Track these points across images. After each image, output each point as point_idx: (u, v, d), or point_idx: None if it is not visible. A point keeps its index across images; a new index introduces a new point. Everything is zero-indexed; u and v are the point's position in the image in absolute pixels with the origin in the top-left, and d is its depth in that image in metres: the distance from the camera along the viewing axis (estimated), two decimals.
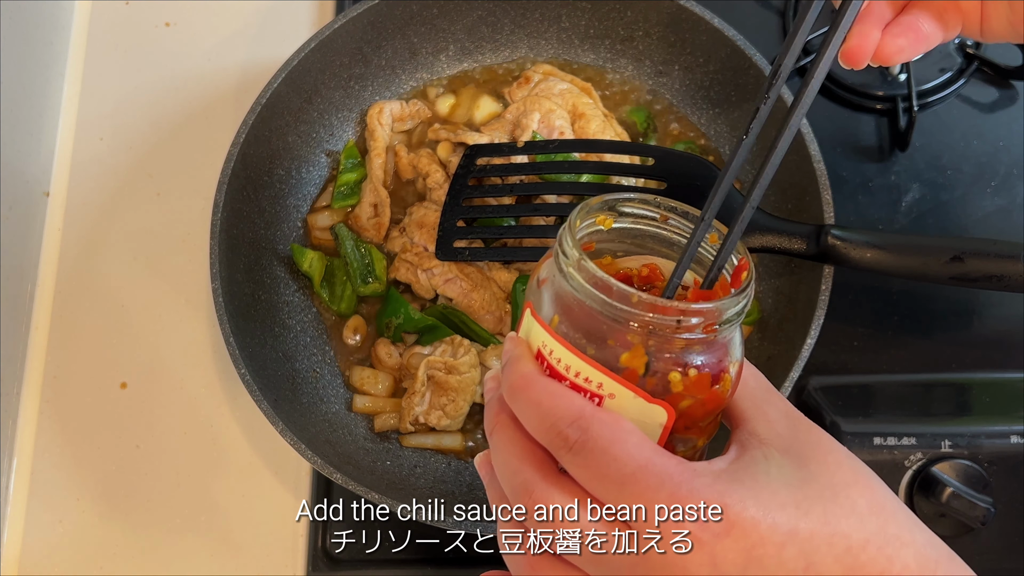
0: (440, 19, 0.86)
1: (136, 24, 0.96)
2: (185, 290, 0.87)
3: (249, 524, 0.81)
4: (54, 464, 0.83)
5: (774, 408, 0.46)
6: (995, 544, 0.74)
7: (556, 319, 0.45)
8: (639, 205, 0.48)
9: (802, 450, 0.44)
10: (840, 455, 0.44)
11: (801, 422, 0.46)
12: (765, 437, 0.44)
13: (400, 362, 0.80)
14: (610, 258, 0.48)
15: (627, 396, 0.43)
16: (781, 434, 0.44)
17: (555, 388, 0.44)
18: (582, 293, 0.43)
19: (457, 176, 0.82)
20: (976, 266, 0.67)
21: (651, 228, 0.48)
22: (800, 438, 0.44)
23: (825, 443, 0.44)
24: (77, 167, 0.92)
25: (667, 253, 0.49)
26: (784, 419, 0.45)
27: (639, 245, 0.49)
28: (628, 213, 0.48)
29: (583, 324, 0.44)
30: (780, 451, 0.44)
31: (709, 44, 0.82)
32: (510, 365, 0.46)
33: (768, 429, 0.45)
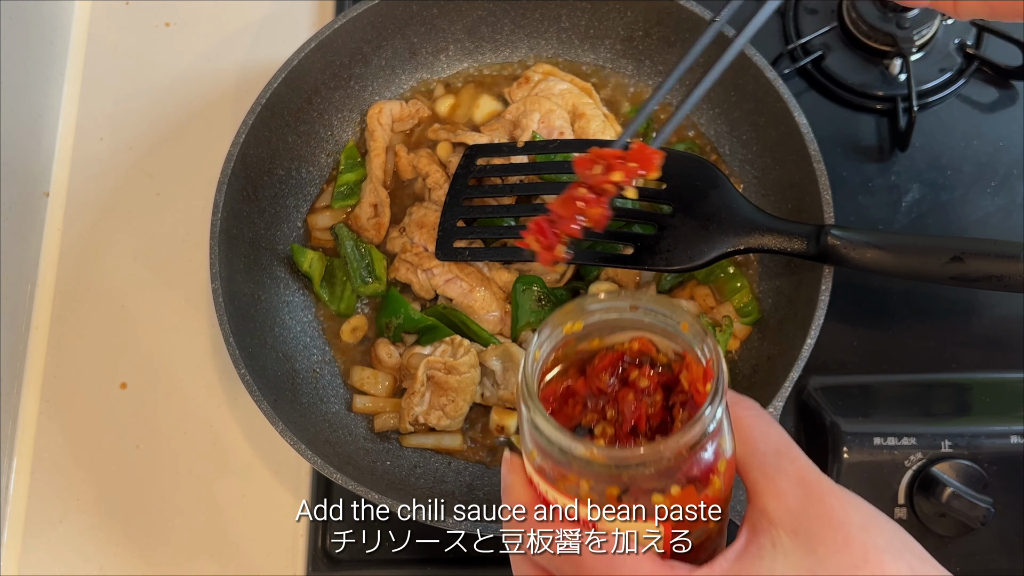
0: (440, 19, 0.86)
1: (136, 24, 0.96)
2: (185, 290, 0.87)
3: (249, 524, 0.81)
4: (54, 464, 0.83)
5: (785, 476, 0.44)
6: (995, 544, 0.74)
7: (534, 454, 0.44)
8: (604, 304, 0.46)
9: (812, 528, 0.42)
10: (852, 529, 0.43)
11: (814, 488, 0.44)
12: (775, 515, 0.43)
13: (400, 362, 0.80)
14: (598, 340, 0.47)
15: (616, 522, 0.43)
16: (791, 509, 0.43)
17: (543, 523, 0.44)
18: (547, 446, 0.42)
19: (457, 176, 0.82)
20: (976, 266, 0.67)
21: (624, 316, 0.46)
22: (811, 512, 0.43)
23: (838, 514, 0.43)
24: (77, 167, 0.92)
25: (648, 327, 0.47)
26: (796, 488, 0.44)
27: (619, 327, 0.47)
28: (595, 310, 0.46)
29: (559, 462, 0.43)
30: (789, 533, 0.43)
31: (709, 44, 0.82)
32: (505, 494, 0.47)
33: (778, 505, 0.44)
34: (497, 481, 0.78)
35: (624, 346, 0.47)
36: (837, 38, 0.91)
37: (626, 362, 0.47)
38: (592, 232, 0.77)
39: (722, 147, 0.86)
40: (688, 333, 0.45)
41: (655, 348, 0.47)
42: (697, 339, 0.44)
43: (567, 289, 0.81)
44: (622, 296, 0.47)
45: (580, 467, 0.42)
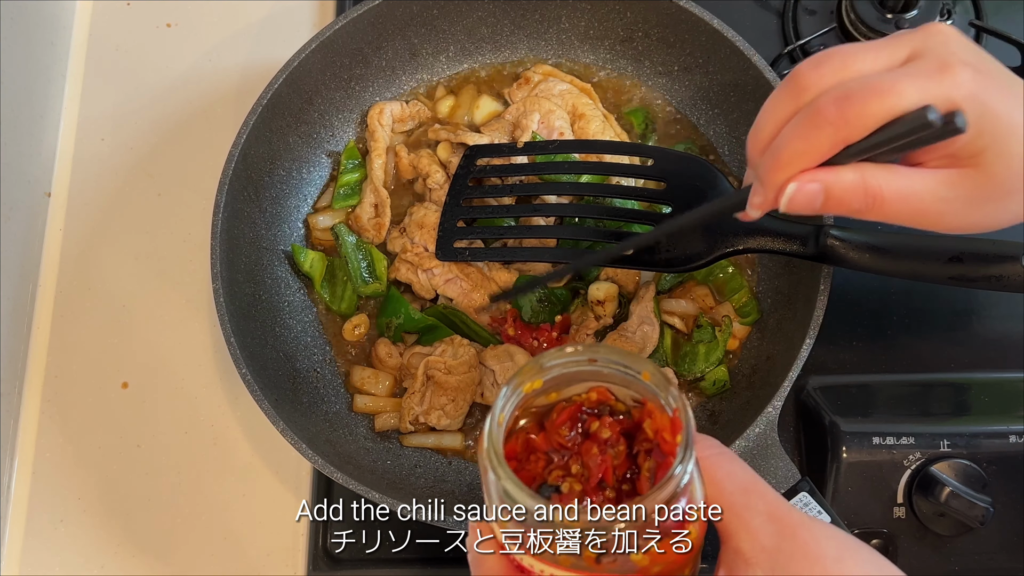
0: (440, 20, 0.86)
1: (137, 25, 0.96)
2: (186, 290, 0.87)
3: (249, 524, 0.81)
4: (55, 464, 0.83)
5: (756, 514, 0.45)
6: (994, 544, 0.74)
7: (504, 519, 0.43)
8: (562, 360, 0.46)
9: (788, 565, 0.43)
10: (827, 561, 0.43)
11: (786, 523, 0.44)
12: (749, 556, 0.44)
13: (400, 362, 0.80)
14: (555, 394, 0.46)
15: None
16: (766, 547, 0.44)
17: None
18: (508, 502, 0.42)
19: (457, 176, 0.82)
20: (975, 266, 0.67)
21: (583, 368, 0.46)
22: (785, 548, 0.43)
23: (811, 548, 0.43)
24: (78, 167, 0.92)
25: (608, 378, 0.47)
26: (767, 525, 0.44)
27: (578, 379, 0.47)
28: (553, 366, 0.46)
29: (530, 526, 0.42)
30: (766, 569, 0.43)
31: (708, 45, 0.83)
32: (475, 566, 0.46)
33: (752, 545, 0.44)
34: None
35: (582, 397, 0.46)
36: (836, 39, 0.92)
37: (585, 413, 0.46)
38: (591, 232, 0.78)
39: (721, 147, 0.86)
40: (651, 383, 0.44)
41: (613, 397, 0.46)
42: (661, 389, 0.44)
43: (567, 289, 0.81)
44: (580, 350, 0.46)
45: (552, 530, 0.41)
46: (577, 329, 0.80)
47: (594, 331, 0.79)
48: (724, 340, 0.79)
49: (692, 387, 0.80)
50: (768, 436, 0.70)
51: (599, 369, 0.46)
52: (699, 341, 0.79)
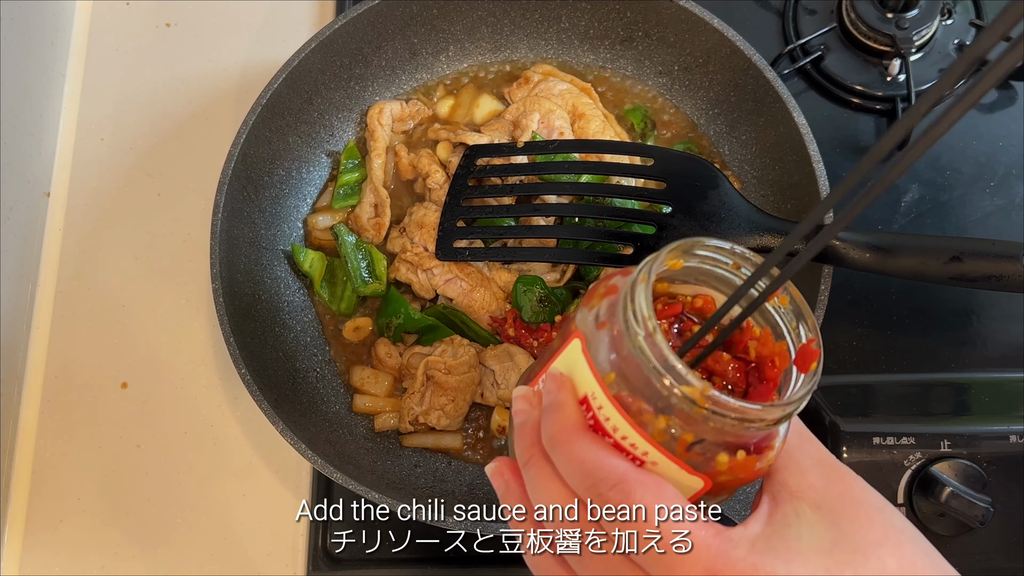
0: (440, 20, 0.86)
1: (137, 25, 0.96)
2: (186, 290, 0.87)
3: (249, 524, 0.81)
4: (55, 464, 0.83)
5: (806, 456, 0.46)
6: (994, 543, 0.74)
7: (612, 377, 0.43)
8: (713, 250, 0.46)
9: (834, 505, 0.44)
10: (871, 509, 0.44)
11: (833, 470, 0.45)
12: (797, 489, 0.44)
13: (400, 362, 0.80)
14: (667, 284, 0.47)
15: (669, 466, 0.43)
16: (813, 485, 0.44)
17: (598, 449, 0.43)
18: (647, 367, 0.42)
19: (457, 176, 0.82)
20: (975, 266, 0.67)
21: (719, 271, 0.47)
22: (832, 490, 0.44)
23: (857, 495, 0.44)
24: (78, 167, 0.92)
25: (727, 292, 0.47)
26: (816, 467, 0.45)
27: (702, 282, 0.48)
28: (699, 255, 0.46)
29: (642, 393, 0.43)
30: (812, 506, 0.44)
31: (709, 45, 0.83)
32: (552, 412, 0.45)
33: (800, 480, 0.45)
34: None
35: (687, 299, 0.47)
36: (836, 38, 0.92)
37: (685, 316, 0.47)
38: (591, 232, 0.78)
39: (722, 147, 0.86)
40: (786, 308, 0.45)
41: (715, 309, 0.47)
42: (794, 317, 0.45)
43: (567, 289, 0.81)
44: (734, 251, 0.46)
45: (674, 404, 0.41)
46: None
47: None
48: None
49: None
50: None
51: (734, 279, 0.46)
52: None
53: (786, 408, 0.42)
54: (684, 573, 0.41)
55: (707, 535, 0.42)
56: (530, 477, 0.47)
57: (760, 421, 0.42)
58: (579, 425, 0.45)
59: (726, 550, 0.41)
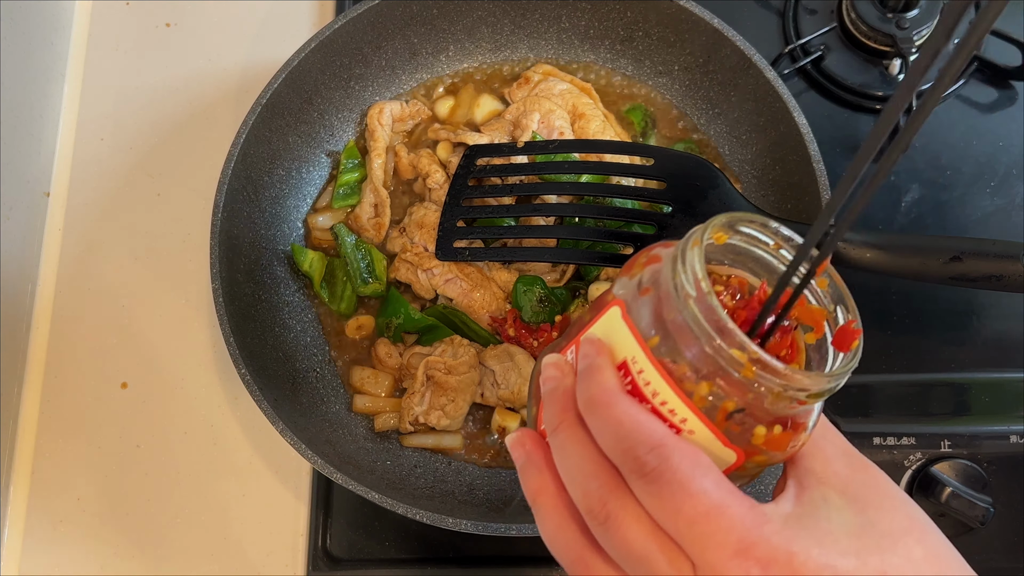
0: (440, 19, 0.86)
1: (137, 25, 0.96)
2: (185, 290, 0.87)
3: (249, 524, 0.81)
4: (55, 464, 0.83)
5: (831, 444, 0.46)
6: (994, 543, 0.74)
7: (656, 340, 0.43)
8: (758, 228, 0.46)
9: (859, 492, 0.44)
10: (896, 500, 0.44)
11: (857, 460, 0.45)
12: (823, 475, 0.44)
13: (400, 362, 0.80)
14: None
15: (705, 435, 0.43)
16: (839, 472, 0.44)
17: (637, 411, 0.43)
18: (698, 329, 0.41)
19: (457, 176, 0.82)
20: (975, 266, 0.67)
21: (759, 252, 0.47)
22: (857, 478, 0.44)
23: (882, 484, 0.44)
24: (78, 167, 0.92)
25: (761, 274, 0.47)
26: (841, 456, 0.45)
27: (739, 263, 0.48)
28: (743, 233, 0.46)
29: (687, 357, 0.42)
30: (838, 492, 0.44)
31: (709, 44, 0.83)
32: (590, 374, 0.45)
33: (825, 467, 0.45)
34: (497, 481, 0.78)
35: (722, 277, 0.47)
36: (836, 38, 0.92)
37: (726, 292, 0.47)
38: (591, 232, 0.78)
39: (722, 147, 0.86)
40: (825, 291, 0.45)
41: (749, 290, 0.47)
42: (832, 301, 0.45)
43: (567, 288, 0.81)
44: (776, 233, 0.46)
45: (721, 367, 0.41)
46: None
47: None
48: None
49: None
50: None
51: (773, 263, 0.46)
52: None
53: (830, 380, 0.42)
54: (717, 544, 0.40)
55: (741, 507, 0.41)
56: (560, 443, 0.46)
57: (803, 391, 0.41)
58: (618, 387, 0.44)
59: (760, 523, 0.41)
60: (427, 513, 0.69)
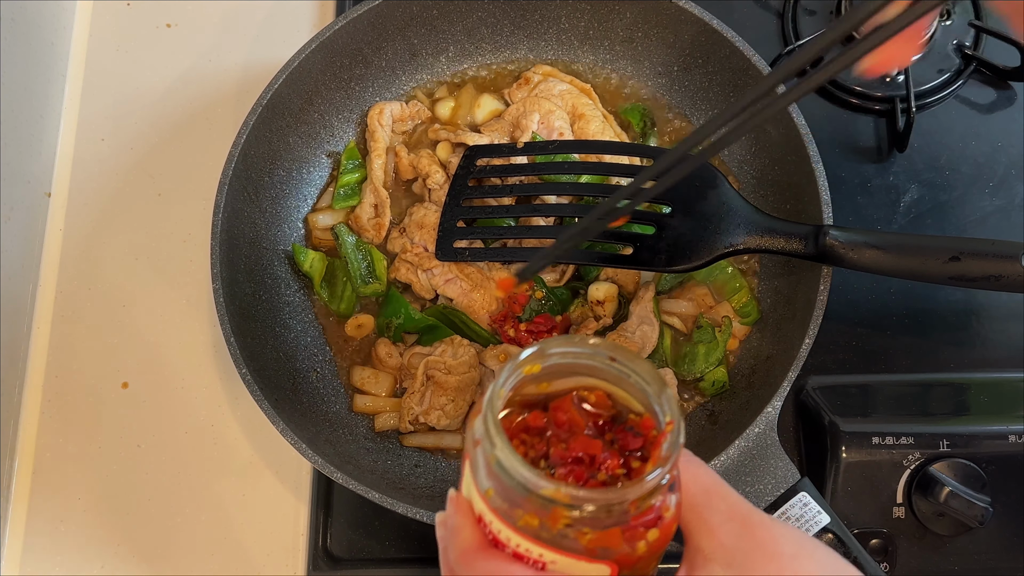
0: (440, 20, 0.86)
1: (137, 25, 0.96)
2: (186, 290, 0.87)
3: (249, 524, 0.81)
4: (56, 464, 0.83)
5: (716, 513, 0.46)
6: (993, 543, 0.74)
7: (491, 491, 0.45)
8: (564, 345, 0.47)
9: (745, 560, 0.44)
10: (783, 559, 0.44)
11: (744, 523, 0.46)
12: (708, 552, 0.45)
13: (400, 362, 0.80)
14: (547, 384, 0.48)
15: (568, 563, 0.44)
16: (723, 544, 0.45)
17: (496, 565, 0.44)
18: (508, 479, 0.43)
19: (457, 177, 0.82)
20: (974, 266, 0.67)
21: (581, 361, 0.47)
22: (744, 546, 0.45)
23: (769, 545, 0.45)
24: (78, 168, 0.92)
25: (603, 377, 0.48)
26: (727, 524, 0.46)
27: (575, 372, 0.48)
28: (554, 353, 0.47)
29: (517, 501, 0.43)
30: (724, 565, 0.44)
31: (708, 45, 0.83)
32: (452, 537, 0.47)
33: (711, 542, 0.45)
34: None
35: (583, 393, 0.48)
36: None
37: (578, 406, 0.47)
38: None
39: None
40: (647, 389, 0.46)
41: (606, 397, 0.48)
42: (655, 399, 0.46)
43: (567, 288, 0.81)
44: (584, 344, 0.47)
45: (540, 505, 0.42)
46: (577, 329, 0.80)
47: (594, 331, 0.80)
48: (724, 340, 0.79)
49: (691, 387, 0.80)
50: (768, 436, 0.70)
51: (595, 365, 0.47)
52: (699, 341, 0.79)
53: (644, 485, 0.42)
54: None
55: None
56: None
57: (623, 502, 0.42)
58: (477, 545, 0.45)
59: None
60: (427, 513, 0.69)
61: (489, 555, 0.45)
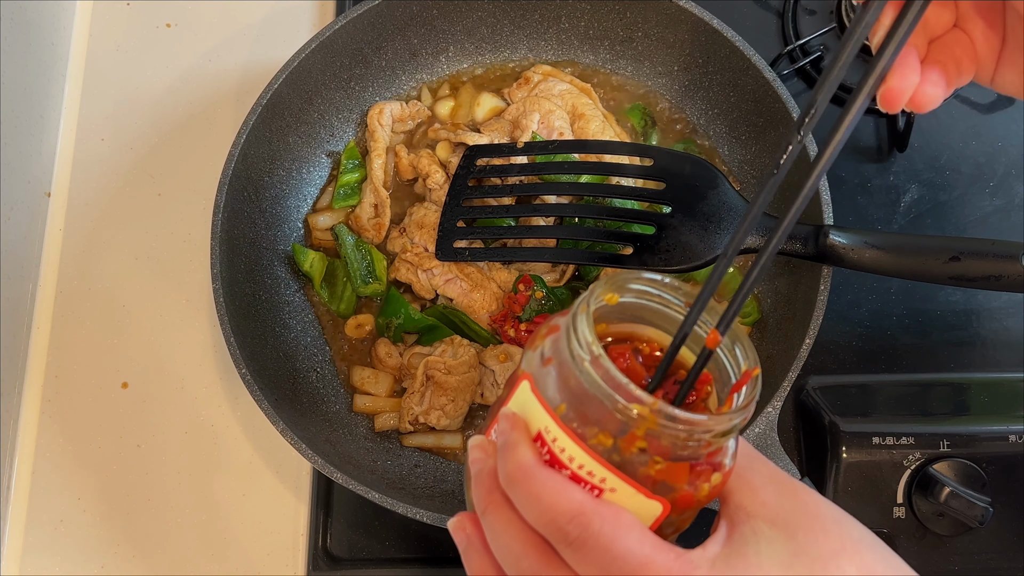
0: (440, 20, 0.86)
1: (137, 25, 0.96)
2: (186, 290, 0.87)
3: (249, 524, 0.81)
4: (55, 464, 0.83)
5: (758, 475, 0.46)
6: (993, 543, 0.74)
7: (563, 407, 0.44)
8: (646, 283, 0.47)
9: (789, 518, 0.44)
10: (827, 521, 0.44)
11: (786, 486, 0.46)
12: (751, 509, 0.45)
13: (400, 362, 0.80)
14: (604, 325, 0.48)
15: (627, 491, 0.44)
16: (767, 503, 0.45)
17: (554, 482, 0.44)
18: (597, 391, 0.43)
19: (457, 176, 0.82)
20: (974, 266, 0.67)
21: (653, 304, 0.48)
22: (786, 505, 0.45)
23: (811, 507, 0.45)
24: (78, 168, 0.92)
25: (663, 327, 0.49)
26: (769, 485, 0.46)
27: (638, 318, 0.49)
28: (633, 289, 0.47)
29: (594, 418, 0.43)
30: (768, 522, 0.44)
31: (708, 45, 0.83)
32: (507, 451, 0.46)
33: (753, 500, 0.45)
34: None
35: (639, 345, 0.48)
36: (836, 39, 0.92)
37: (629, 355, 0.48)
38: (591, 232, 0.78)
39: (721, 147, 0.86)
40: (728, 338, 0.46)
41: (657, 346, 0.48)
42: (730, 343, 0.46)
43: (567, 288, 0.81)
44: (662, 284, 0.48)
45: (626, 423, 0.42)
46: None
47: None
48: None
49: None
50: (768, 436, 0.70)
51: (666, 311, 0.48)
52: None
53: (732, 418, 0.43)
54: None
55: (667, 558, 0.42)
56: (489, 525, 0.47)
57: (708, 432, 0.43)
58: (535, 461, 0.45)
59: (687, 571, 0.42)
60: (427, 513, 0.69)
61: (549, 471, 0.44)
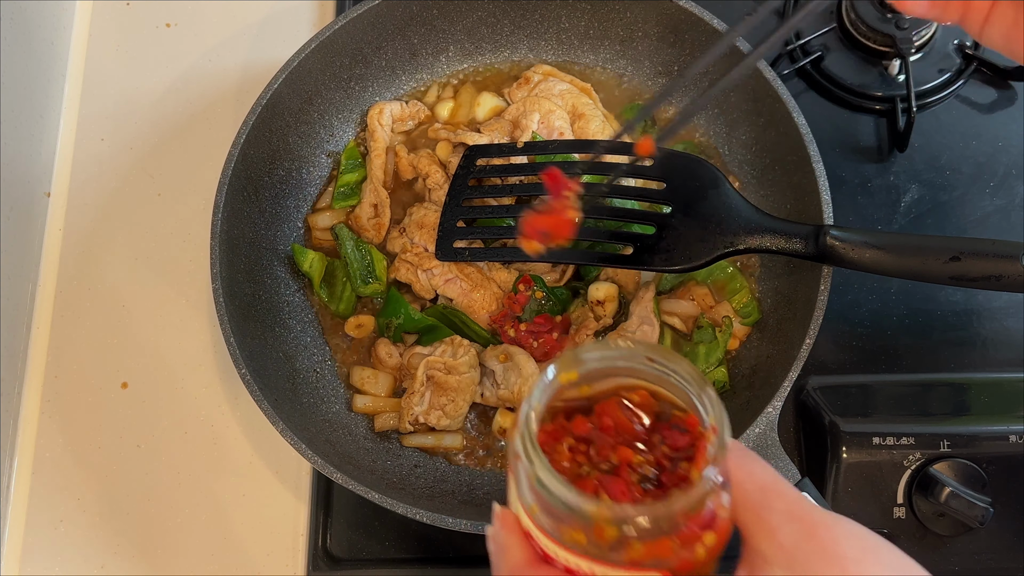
0: (440, 20, 0.86)
1: (137, 25, 0.96)
2: (186, 290, 0.87)
3: (249, 524, 0.81)
4: (55, 464, 0.83)
5: (775, 513, 0.44)
6: (993, 543, 0.74)
7: (535, 508, 0.44)
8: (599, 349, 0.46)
9: (807, 564, 0.42)
10: (847, 562, 0.42)
11: (805, 523, 0.44)
12: (768, 555, 0.43)
13: (400, 362, 0.80)
14: (587, 387, 0.47)
15: (621, 574, 0.43)
16: (783, 546, 0.43)
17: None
18: (553, 499, 0.42)
19: (457, 176, 0.82)
20: (975, 266, 0.67)
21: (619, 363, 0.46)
22: (805, 548, 0.43)
23: (830, 547, 0.43)
24: (78, 167, 0.92)
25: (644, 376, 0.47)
26: (787, 524, 0.44)
27: (610, 373, 0.47)
28: (590, 359, 0.46)
29: (561, 518, 0.42)
30: (784, 568, 0.43)
31: (708, 45, 0.82)
32: (498, 557, 0.46)
33: (770, 544, 0.43)
34: (497, 481, 0.78)
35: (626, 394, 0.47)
36: (836, 39, 0.92)
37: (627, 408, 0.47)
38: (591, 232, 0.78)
39: (721, 147, 0.86)
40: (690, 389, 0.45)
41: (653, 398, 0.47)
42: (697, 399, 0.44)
43: (567, 288, 0.81)
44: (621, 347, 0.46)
45: (585, 522, 0.42)
46: (577, 329, 0.80)
47: (594, 331, 0.79)
48: (724, 341, 0.79)
49: None
50: (768, 436, 0.70)
51: (634, 366, 0.46)
52: (699, 341, 0.79)
53: (690, 496, 0.41)
54: None
55: None
56: None
57: (672, 515, 0.41)
58: (526, 562, 0.45)
59: None
60: (427, 513, 0.69)
61: (540, 573, 0.44)
